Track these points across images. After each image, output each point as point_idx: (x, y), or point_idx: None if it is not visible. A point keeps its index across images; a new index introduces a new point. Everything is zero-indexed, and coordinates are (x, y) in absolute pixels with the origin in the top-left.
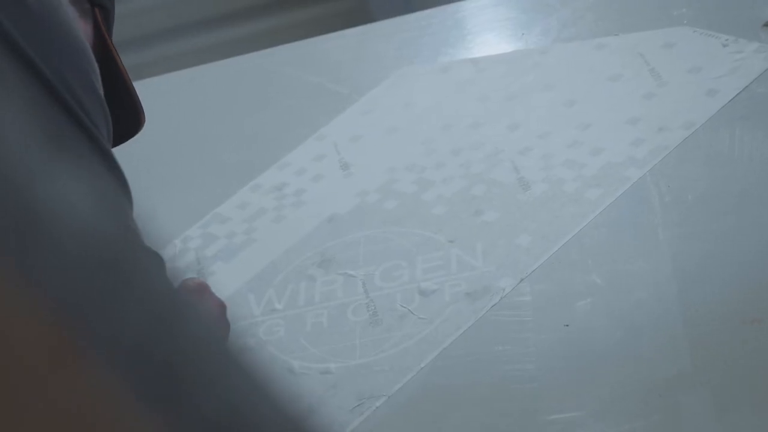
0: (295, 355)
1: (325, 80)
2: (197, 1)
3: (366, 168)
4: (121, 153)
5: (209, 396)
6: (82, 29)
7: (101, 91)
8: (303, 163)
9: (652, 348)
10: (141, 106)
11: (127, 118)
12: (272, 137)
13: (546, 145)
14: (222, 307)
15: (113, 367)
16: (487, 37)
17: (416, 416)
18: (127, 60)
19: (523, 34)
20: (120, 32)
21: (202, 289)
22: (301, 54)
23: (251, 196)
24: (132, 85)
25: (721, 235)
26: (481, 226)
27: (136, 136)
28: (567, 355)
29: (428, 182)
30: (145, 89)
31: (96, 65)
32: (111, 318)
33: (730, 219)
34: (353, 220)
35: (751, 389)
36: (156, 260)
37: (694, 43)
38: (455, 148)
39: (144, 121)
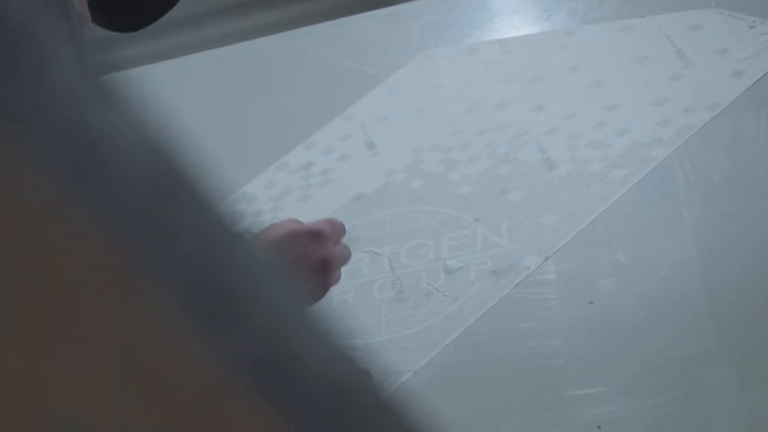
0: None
1: (351, 61)
2: None
3: (392, 148)
4: None
5: (258, 322)
6: None
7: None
8: (330, 143)
9: (676, 325)
10: None
11: None
12: (299, 117)
13: (571, 126)
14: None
15: (165, 291)
16: (514, 18)
17: (441, 392)
18: (157, 44)
19: (549, 15)
20: None
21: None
22: (328, 35)
23: (278, 174)
24: None
25: (745, 215)
26: (506, 205)
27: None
28: (591, 333)
29: (454, 162)
30: (173, 70)
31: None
32: (164, 243)
33: (754, 199)
34: (379, 199)
35: None
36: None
37: (721, 25)
38: (481, 129)
39: None
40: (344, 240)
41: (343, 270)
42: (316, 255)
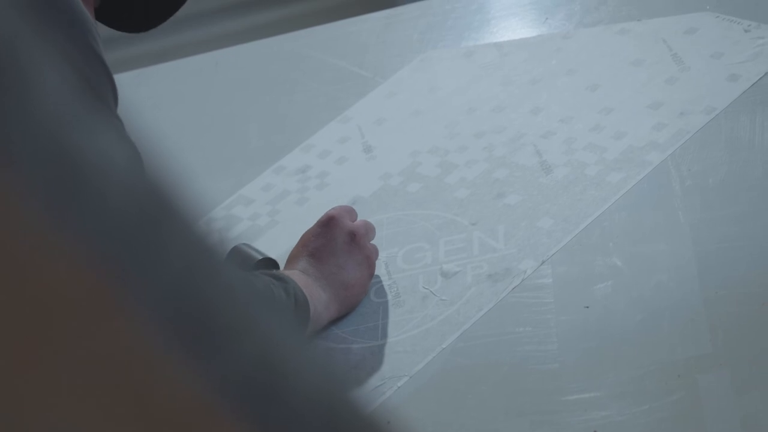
0: (319, 336)
1: (349, 64)
2: None
3: (389, 151)
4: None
5: (244, 346)
6: None
7: (103, 55)
8: (327, 146)
9: (672, 329)
10: None
11: None
12: (296, 120)
13: (568, 129)
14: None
15: (151, 316)
16: (511, 21)
17: (437, 396)
18: (154, 45)
19: (546, 18)
20: None
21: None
22: (325, 38)
23: (275, 178)
24: None
25: (740, 218)
26: (503, 208)
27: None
28: (587, 337)
29: (451, 165)
30: (170, 72)
31: (93, 26)
32: (150, 268)
33: (750, 203)
34: (376, 202)
35: None
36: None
37: (716, 29)
38: (478, 132)
39: None
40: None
41: None
42: (339, 234)
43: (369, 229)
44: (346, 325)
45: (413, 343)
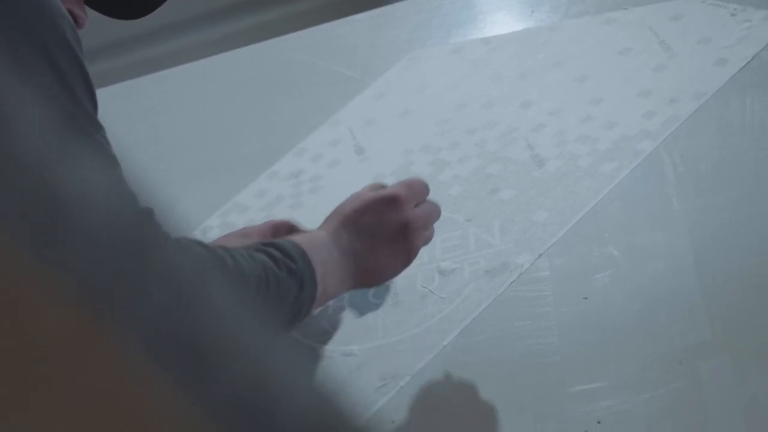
0: (318, 339)
1: (337, 66)
2: None
3: (381, 151)
4: (135, 146)
5: (233, 372)
6: None
7: (81, 56)
8: (319, 149)
9: (671, 317)
10: None
11: None
12: (287, 124)
13: (559, 122)
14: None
15: (137, 346)
16: (498, 16)
17: (440, 394)
18: (140, 54)
19: (532, 11)
20: (134, 25)
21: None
22: (313, 40)
23: (268, 183)
24: None
25: (735, 203)
26: (497, 204)
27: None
28: (587, 328)
29: (444, 163)
30: (159, 81)
31: (69, 23)
32: (134, 298)
33: (744, 187)
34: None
35: None
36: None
37: (703, 14)
38: (470, 128)
39: None
40: None
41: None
42: (394, 221)
43: (429, 219)
44: (345, 326)
45: (414, 342)
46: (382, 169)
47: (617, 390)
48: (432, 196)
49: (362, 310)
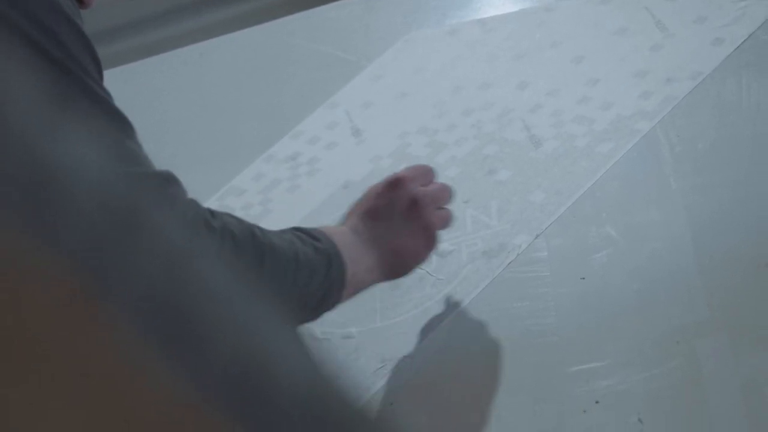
0: (317, 322)
1: (334, 49)
2: None
3: (378, 134)
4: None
5: (223, 343)
6: None
7: (82, 26)
8: (315, 132)
9: (669, 296)
10: None
11: None
12: (284, 107)
13: (556, 102)
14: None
15: (128, 317)
16: None
17: (439, 375)
18: (137, 39)
19: None
20: (128, 12)
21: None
22: (309, 24)
23: (266, 167)
24: None
25: (732, 181)
26: (494, 185)
27: (147, 117)
28: (585, 308)
29: (441, 144)
30: (156, 66)
31: None
32: (124, 269)
33: (741, 166)
34: (367, 185)
35: (767, 331)
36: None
37: None
38: (466, 110)
39: None
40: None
41: None
42: (401, 198)
43: (439, 197)
44: (344, 309)
45: (412, 324)
46: (379, 151)
47: (615, 369)
48: None
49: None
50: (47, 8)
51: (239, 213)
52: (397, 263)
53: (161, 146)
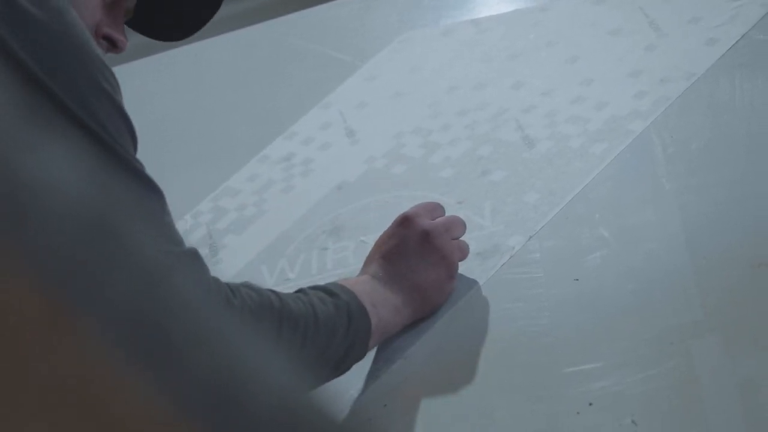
0: None
1: (328, 49)
2: None
3: (372, 134)
4: None
5: (200, 357)
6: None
7: (119, 98)
8: (309, 132)
9: (663, 297)
10: None
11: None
12: (278, 107)
13: (550, 103)
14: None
15: (105, 331)
16: None
17: (432, 376)
18: (131, 39)
19: None
20: None
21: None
22: (304, 24)
23: (260, 167)
24: None
25: (726, 182)
26: (488, 185)
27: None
28: (579, 309)
29: (435, 145)
30: (150, 66)
31: (104, 65)
32: (100, 283)
33: (734, 166)
34: (362, 186)
35: (762, 332)
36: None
37: None
38: (460, 110)
39: None
40: (330, 230)
41: (330, 260)
42: (413, 234)
43: (451, 227)
44: None
45: (406, 326)
46: (374, 152)
47: (610, 370)
48: (423, 178)
49: None
50: (93, 89)
51: (234, 214)
52: (423, 298)
53: (156, 147)
